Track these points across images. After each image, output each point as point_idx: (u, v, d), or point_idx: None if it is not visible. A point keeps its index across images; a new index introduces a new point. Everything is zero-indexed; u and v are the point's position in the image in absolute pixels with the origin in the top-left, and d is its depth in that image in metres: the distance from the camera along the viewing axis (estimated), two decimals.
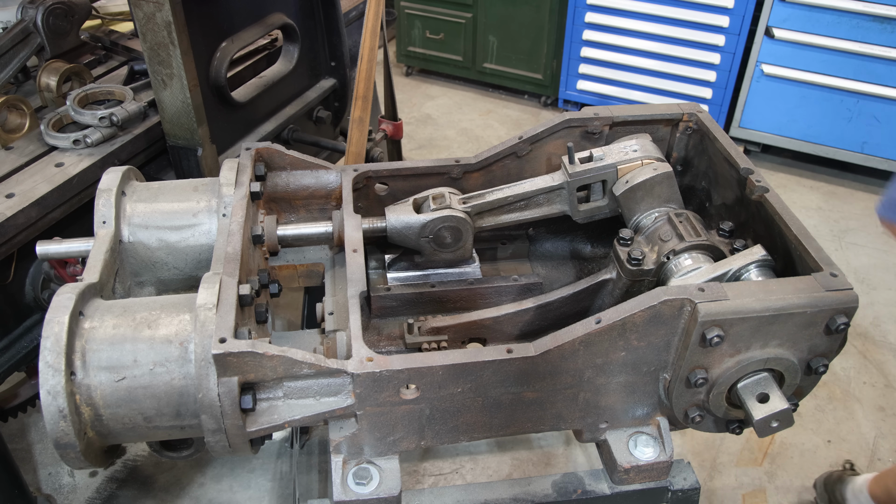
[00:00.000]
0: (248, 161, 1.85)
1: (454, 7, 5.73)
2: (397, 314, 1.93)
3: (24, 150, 2.26)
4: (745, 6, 4.68)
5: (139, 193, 1.79)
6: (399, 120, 3.68)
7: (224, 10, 2.45)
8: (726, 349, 1.50)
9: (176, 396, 1.41)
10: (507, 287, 1.96)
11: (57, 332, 1.35)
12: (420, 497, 1.64)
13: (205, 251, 1.77)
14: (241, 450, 1.47)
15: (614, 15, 5.09)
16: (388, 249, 2.05)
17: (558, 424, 1.65)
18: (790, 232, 1.64)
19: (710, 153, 2.00)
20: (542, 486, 1.69)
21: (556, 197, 1.94)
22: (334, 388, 1.48)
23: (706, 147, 2.02)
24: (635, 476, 1.67)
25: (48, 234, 2.08)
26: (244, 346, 1.35)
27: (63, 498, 2.92)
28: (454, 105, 5.97)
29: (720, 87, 5.02)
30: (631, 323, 1.48)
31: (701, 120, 2.03)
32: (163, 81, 2.24)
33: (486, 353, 1.48)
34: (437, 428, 1.57)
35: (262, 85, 2.68)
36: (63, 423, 1.34)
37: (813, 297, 1.46)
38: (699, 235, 1.73)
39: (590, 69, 5.40)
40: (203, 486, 2.99)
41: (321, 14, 2.93)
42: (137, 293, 1.80)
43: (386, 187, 2.01)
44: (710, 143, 1.98)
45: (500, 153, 1.99)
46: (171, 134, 2.36)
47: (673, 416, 1.65)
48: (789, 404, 1.52)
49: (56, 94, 2.46)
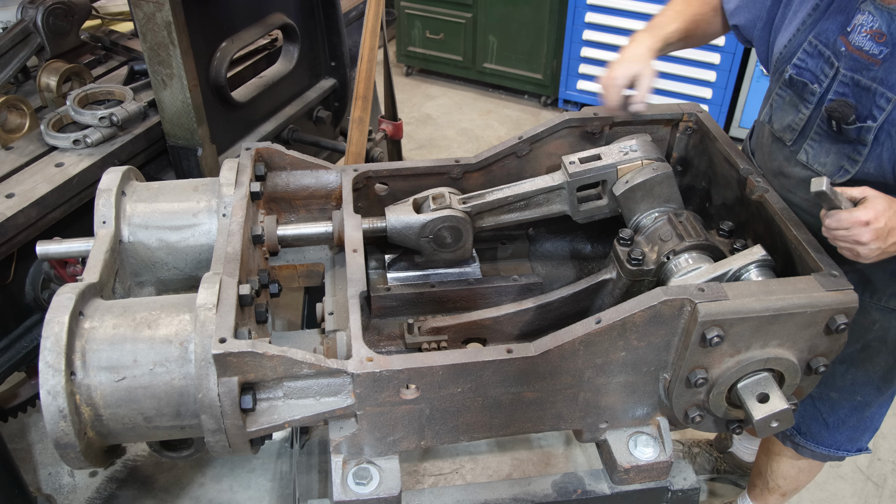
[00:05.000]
0: (248, 161, 1.85)
1: (454, 7, 5.72)
2: (397, 314, 1.93)
3: (24, 150, 2.26)
4: None
5: (139, 193, 1.79)
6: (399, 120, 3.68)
7: (224, 10, 2.45)
8: (726, 349, 1.50)
9: (176, 396, 1.41)
10: (507, 287, 1.96)
11: (57, 332, 1.35)
12: (420, 497, 1.64)
13: (205, 251, 1.77)
14: (241, 450, 1.47)
15: (614, 15, 5.09)
16: (388, 249, 2.05)
17: (558, 424, 1.65)
18: (790, 232, 1.64)
19: (710, 153, 2.00)
20: (542, 486, 1.69)
21: (556, 197, 1.94)
22: (334, 388, 1.48)
23: (706, 147, 2.02)
24: (635, 476, 1.67)
25: (48, 234, 2.08)
26: (244, 346, 1.35)
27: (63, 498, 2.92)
28: (454, 105, 5.96)
29: (720, 87, 5.01)
30: (631, 323, 1.48)
31: (701, 120, 2.03)
32: (163, 81, 2.24)
33: (486, 353, 1.48)
34: (437, 428, 1.57)
35: (262, 85, 2.68)
36: (63, 423, 1.34)
37: (813, 297, 1.46)
38: (699, 235, 1.73)
39: (590, 69, 5.40)
40: (203, 486, 2.98)
41: (321, 14, 2.93)
42: (137, 293, 1.80)
43: (386, 187, 2.01)
44: (710, 143, 1.98)
45: (500, 153, 1.99)
46: (171, 134, 2.36)
47: (673, 416, 1.65)
48: (789, 404, 1.52)
49: (56, 94, 2.46)
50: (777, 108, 1.85)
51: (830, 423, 2.15)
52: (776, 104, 1.85)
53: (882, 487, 3.05)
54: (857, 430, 2.17)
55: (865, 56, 1.61)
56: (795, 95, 1.78)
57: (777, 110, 1.85)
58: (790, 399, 1.58)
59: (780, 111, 1.84)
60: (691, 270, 1.68)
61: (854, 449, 2.22)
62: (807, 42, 1.72)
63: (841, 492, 3.04)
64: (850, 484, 3.06)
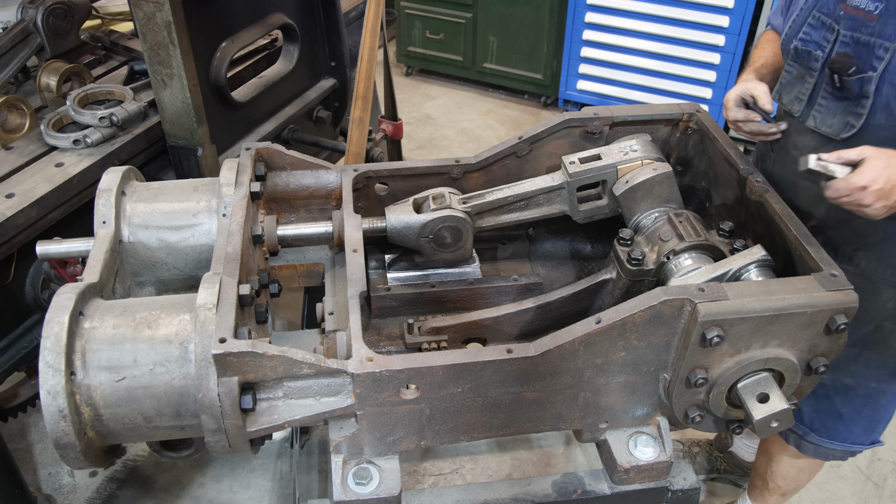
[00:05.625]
0: (248, 161, 1.85)
1: (454, 7, 5.72)
2: (397, 314, 1.93)
3: (24, 150, 2.26)
4: (745, 6, 4.68)
5: (139, 193, 1.79)
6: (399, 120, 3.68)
7: (224, 10, 2.45)
8: (726, 349, 1.50)
9: (176, 396, 1.41)
10: (507, 287, 1.96)
11: (57, 332, 1.35)
12: (420, 497, 1.64)
13: (205, 251, 1.77)
14: (241, 450, 1.47)
15: (614, 15, 5.09)
16: (388, 249, 2.05)
17: (558, 424, 1.65)
18: (790, 232, 1.64)
19: (710, 153, 2.00)
20: (542, 486, 1.69)
21: (556, 197, 1.94)
22: (334, 388, 1.48)
23: (706, 147, 2.02)
24: (635, 476, 1.67)
25: (48, 234, 2.08)
26: (244, 346, 1.35)
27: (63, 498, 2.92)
28: (454, 105, 5.97)
29: (720, 87, 5.01)
30: (631, 323, 1.48)
31: (701, 120, 2.03)
32: (163, 81, 2.24)
33: (486, 353, 1.48)
34: (437, 428, 1.57)
35: (262, 85, 2.68)
36: (63, 423, 1.34)
37: (813, 297, 1.46)
38: (699, 235, 1.73)
39: (590, 69, 5.40)
40: (203, 486, 2.98)
41: (321, 14, 2.93)
42: (137, 293, 1.80)
43: (386, 187, 2.01)
44: (710, 143, 1.98)
45: (500, 153, 1.99)
46: (171, 134, 2.36)
47: (673, 416, 1.65)
48: (789, 404, 1.52)
49: (56, 94, 2.46)
50: (785, 84, 1.94)
51: (845, 413, 2.13)
52: (784, 80, 1.94)
53: (882, 487, 3.05)
54: (871, 420, 2.16)
55: (863, 14, 1.71)
56: (801, 67, 1.87)
57: (786, 86, 1.94)
58: (790, 399, 1.58)
59: (788, 86, 1.93)
60: (691, 270, 1.68)
61: (868, 441, 2.21)
62: (810, 16, 1.83)
63: (841, 492, 3.04)
64: (850, 484, 3.06)
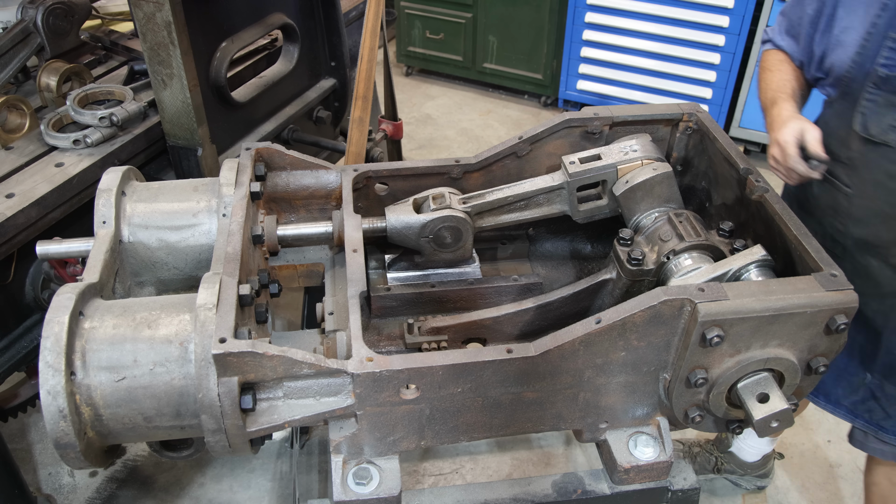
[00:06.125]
0: (248, 161, 1.85)
1: (454, 7, 5.73)
2: (397, 314, 1.93)
3: (24, 150, 2.27)
4: (745, 6, 4.68)
5: (139, 193, 1.79)
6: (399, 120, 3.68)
7: (224, 10, 2.45)
8: (726, 349, 1.50)
9: (176, 396, 1.41)
10: (507, 287, 1.96)
11: (57, 332, 1.35)
12: (420, 497, 1.64)
13: (205, 251, 1.77)
14: (241, 450, 1.47)
15: (614, 15, 5.09)
16: (388, 249, 2.05)
17: (558, 424, 1.65)
18: (790, 232, 1.64)
19: (710, 153, 2.00)
20: (542, 486, 1.69)
21: (556, 197, 1.94)
22: (334, 388, 1.48)
23: (706, 147, 2.02)
24: (635, 476, 1.67)
25: (48, 234, 2.08)
26: (244, 346, 1.35)
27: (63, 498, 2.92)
28: (454, 105, 5.97)
29: (720, 87, 5.01)
30: (631, 323, 1.48)
31: (701, 120, 2.03)
32: (163, 81, 2.24)
33: (486, 353, 1.48)
34: (437, 428, 1.57)
35: (262, 85, 2.68)
36: (63, 423, 1.34)
37: (813, 297, 1.46)
38: (699, 235, 1.73)
39: (590, 69, 5.40)
40: (203, 486, 2.99)
41: (321, 14, 2.93)
42: (137, 293, 1.80)
43: (386, 187, 2.01)
44: (710, 143, 1.98)
45: (500, 153, 1.99)
46: (171, 134, 2.36)
47: (673, 416, 1.65)
48: (789, 404, 1.52)
49: (56, 94, 2.46)
50: (872, 114, 1.82)
51: None
52: (868, 110, 1.82)
53: None
54: None
55: None
56: (889, 93, 1.77)
57: (872, 115, 1.82)
58: (790, 399, 1.58)
59: (876, 115, 1.81)
60: (691, 270, 1.68)
61: None
62: (887, 39, 1.73)
63: (841, 492, 3.04)
64: (850, 484, 3.06)
